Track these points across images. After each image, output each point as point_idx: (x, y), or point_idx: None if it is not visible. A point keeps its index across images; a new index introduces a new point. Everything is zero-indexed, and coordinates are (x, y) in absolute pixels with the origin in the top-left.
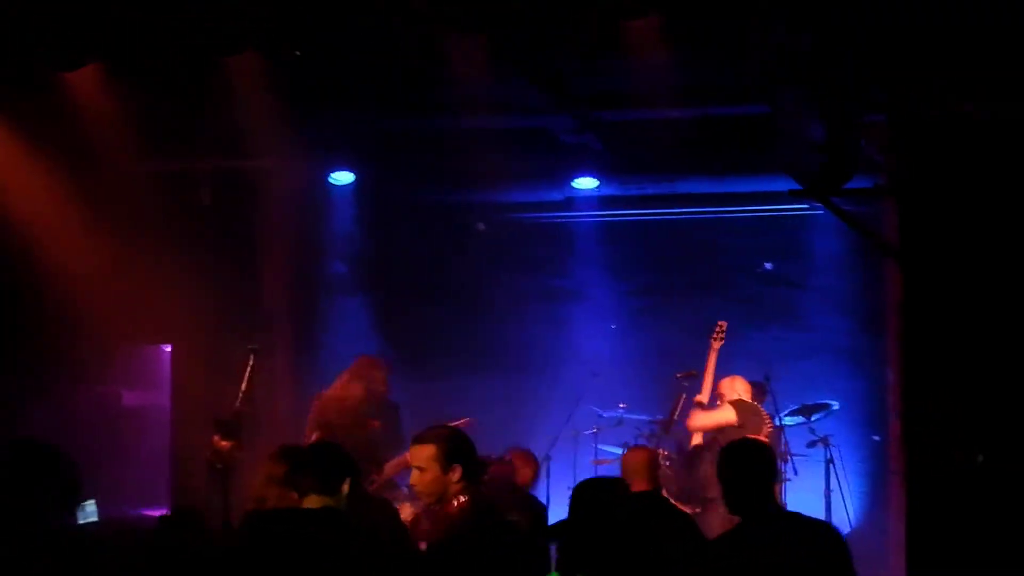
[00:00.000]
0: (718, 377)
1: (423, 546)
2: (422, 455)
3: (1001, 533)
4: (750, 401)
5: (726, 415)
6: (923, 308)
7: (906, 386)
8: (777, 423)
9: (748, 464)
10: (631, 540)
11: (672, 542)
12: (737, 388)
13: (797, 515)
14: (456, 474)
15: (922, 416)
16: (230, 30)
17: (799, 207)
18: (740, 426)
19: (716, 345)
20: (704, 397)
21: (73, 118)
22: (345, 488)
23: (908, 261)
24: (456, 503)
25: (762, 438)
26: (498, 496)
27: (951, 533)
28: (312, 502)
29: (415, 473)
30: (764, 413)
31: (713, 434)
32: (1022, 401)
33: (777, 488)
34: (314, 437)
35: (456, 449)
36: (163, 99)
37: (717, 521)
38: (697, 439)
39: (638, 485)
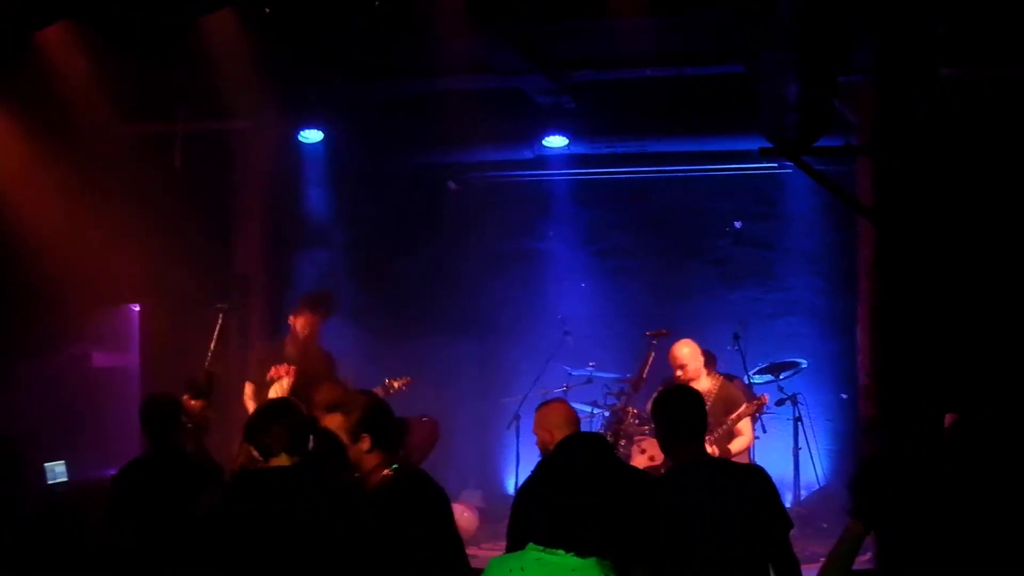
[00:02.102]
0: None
1: None
2: (331, 424)
3: (971, 490)
4: (719, 378)
5: (747, 433)
6: (894, 267)
7: (877, 345)
8: (746, 381)
9: (679, 410)
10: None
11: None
12: (700, 357)
13: (726, 461)
14: (365, 443)
15: (891, 375)
16: None
17: (771, 166)
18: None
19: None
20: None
21: (45, 79)
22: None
23: (880, 220)
24: (378, 478)
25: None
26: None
27: (919, 492)
28: (281, 461)
29: None
30: (742, 393)
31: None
32: (991, 359)
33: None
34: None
35: (366, 419)
36: (137, 59)
37: None
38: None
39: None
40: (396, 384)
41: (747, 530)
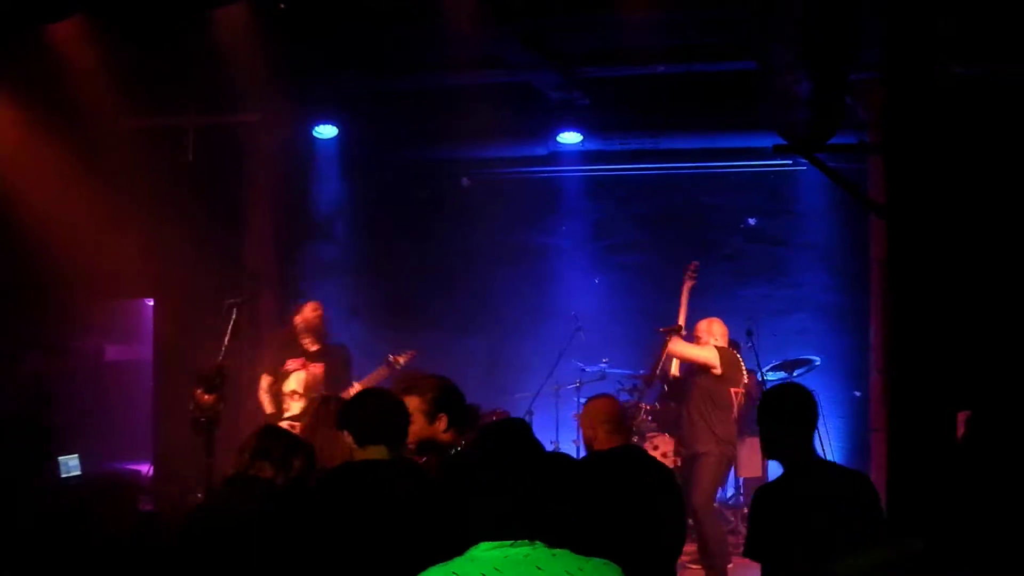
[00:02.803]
0: (696, 319)
1: None
2: (408, 407)
3: (983, 491)
4: (728, 348)
5: (709, 355)
6: (907, 264)
7: (889, 343)
8: (759, 378)
9: (789, 410)
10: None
11: (656, 497)
12: (715, 331)
13: (836, 464)
14: (442, 423)
15: (905, 373)
16: None
17: (784, 163)
18: (721, 375)
19: (689, 283)
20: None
21: (58, 72)
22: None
23: (893, 217)
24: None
25: (739, 389)
26: None
27: (932, 491)
28: (376, 452)
29: None
30: (743, 365)
31: (688, 383)
32: (1005, 359)
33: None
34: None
35: (441, 399)
36: (149, 53)
37: (707, 473)
38: (676, 370)
39: (618, 438)
40: (401, 359)
41: (858, 539)
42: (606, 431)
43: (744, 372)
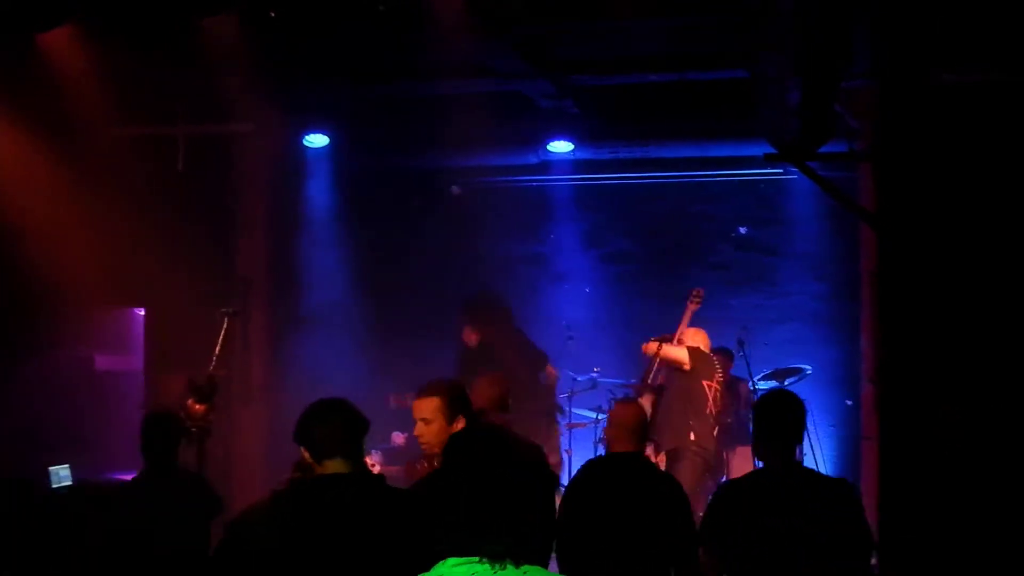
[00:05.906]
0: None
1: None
2: (428, 407)
3: (974, 499)
4: (706, 351)
5: (680, 354)
6: (897, 274)
7: (880, 352)
8: (751, 387)
9: (778, 415)
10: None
11: (657, 508)
12: (697, 338)
13: (815, 472)
14: (460, 424)
15: (895, 382)
16: None
17: (774, 172)
18: (692, 369)
19: (692, 307)
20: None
21: (48, 81)
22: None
23: (883, 226)
24: None
25: (712, 383)
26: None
27: (924, 498)
28: (336, 467)
29: (420, 425)
30: (715, 363)
31: (665, 378)
32: (995, 366)
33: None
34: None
35: (459, 401)
36: (139, 62)
37: (687, 473)
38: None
39: (620, 445)
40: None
41: (833, 546)
42: (612, 437)
43: (717, 371)
